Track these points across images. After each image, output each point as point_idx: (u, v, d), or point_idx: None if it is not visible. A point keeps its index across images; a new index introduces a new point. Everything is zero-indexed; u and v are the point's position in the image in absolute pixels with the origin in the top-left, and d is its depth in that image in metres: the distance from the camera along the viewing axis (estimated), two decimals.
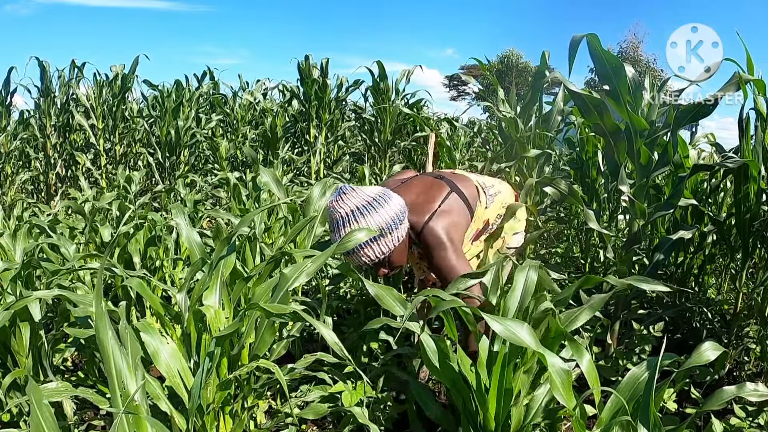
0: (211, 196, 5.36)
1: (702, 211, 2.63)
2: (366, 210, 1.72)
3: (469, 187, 2.02)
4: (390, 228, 1.74)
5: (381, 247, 1.75)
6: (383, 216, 1.73)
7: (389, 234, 1.75)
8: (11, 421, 1.82)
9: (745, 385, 1.39)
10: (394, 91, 6.33)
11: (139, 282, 1.72)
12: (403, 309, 1.57)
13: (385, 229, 1.73)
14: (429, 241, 1.80)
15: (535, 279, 1.50)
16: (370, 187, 1.82)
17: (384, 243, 1.75)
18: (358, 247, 1.73)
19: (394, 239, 1.76)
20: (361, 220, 1.71)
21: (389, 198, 1.79)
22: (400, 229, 1.78)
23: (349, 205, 1.73)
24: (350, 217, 1.72)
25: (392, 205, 1.77)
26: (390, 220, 1.74)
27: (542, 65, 3.42)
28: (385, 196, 1.78)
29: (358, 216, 1.72)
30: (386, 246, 1.76)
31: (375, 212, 1.72)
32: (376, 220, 1.72)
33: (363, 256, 1.76)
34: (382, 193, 1.79)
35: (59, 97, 5.88)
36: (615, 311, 2.45)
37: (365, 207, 1.72)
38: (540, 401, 1.47)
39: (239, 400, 1.75)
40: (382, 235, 1.73)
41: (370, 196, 1.76)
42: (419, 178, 2.09)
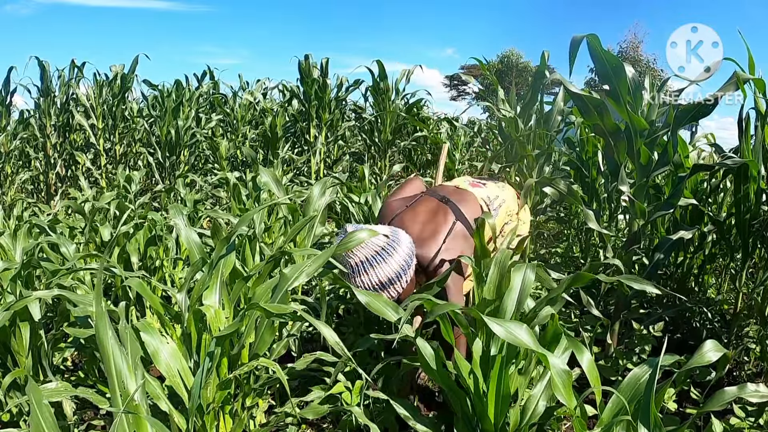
0: (211, 196, 5.36)
1: (702, 211, 2.63)
2: (376, 261, 1.74)
3: (474, 207, 2.03)
4: (400, 275, 1.77)
5: (392, 292, 1.79)
6: (393, 266, 1.75)
7: (401, 279, 1.78)
8: (11, 421, 1.82)
9: (746, 386, 1.39)
10: (394, 90, 6.33)
11: (138, 282, 1.72)
12: (394, 313, 1.56)
13: (395, 276, 1.76)
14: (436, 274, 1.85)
15: (532, 279, 1.50)
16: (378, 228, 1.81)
17: (395, 288, 1.79)
18: (389, 285, 1.77)
19: (405, 281, 1.80)
20: (371, 271, 1.73)
21: (398, 243, 1.79)
22: (409, 272, 1.80)
23: (359, 256, 1.73)
24: (360, 268, 1.74)
25: (401, 251, 1.78)
26: (400, 268, 1.77)
27: (542, 65, 3.42)
28: (394, 242, 1.78)
29: (369, 267, 1.73)
30: (397, 290, 1.79)
31: (385, 263, 1.74)
32: (386, 271, 1.74)
33: (392, 292, 1.80)
34: (391, 239, 1.78)
35: (59, 97, 5.88)
36: (615, 311, 2.45)
37: (374, 258, 1.74)
38: (536, 401, 1.47)
39: (239, 400, 1.75)
40: (394, 281, 1.77)
41: (379, 245, 1.75)
42: (425, 202, 2.07)
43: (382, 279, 1.74)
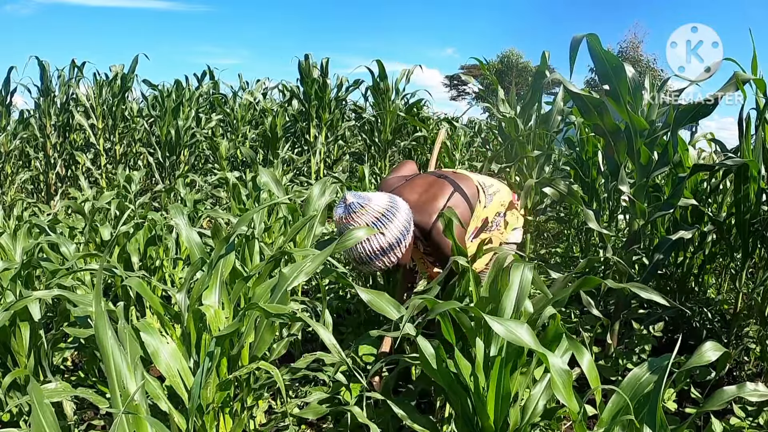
0: (211, 195, 5.36)
1: (702, 211, 2.63)
2: (377, 227, 1.78)
3: (470, 187, 2.07)
4: (400, 240, 1.82)
5: (392, 257, 1.84)
6: (394, 231, 1.80)
7: (400, 244, 1.83)
8: (11, 421, 1.82)
9: (746, 385, 1.39)
10: (394, 90, 6.33)
11: (138, 282, 1.72)
12: (396, 312, 1.57)
13: (396, 242, 1.81)
14: (438, 241, 1.89)
15: (530, 278, 1.50)
16: (376, 195, 1.86)
17: (395, 253, 1.83)
18: (370, 260, 1.81)
19: (404, 246, 1.85)
20: (373, 239, 1.78)
21: (397, 209, 1.84)
22: (408, 237, 1.86)
23: (360, 222, 1.78)
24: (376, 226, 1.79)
25: (400, 216, 1.83)
26: (400, 233, 1.82)
27: (542, 65, 3.42)
28: (393, 208, 1.83)
29: (385, 221, 1.79)
30: (397, 255, 1.84)
31: (385, 229, 1.79)
32: (386, 237, 1.79)
33: (374, 267, 1.84)
34: (390, 204, 1.84)
35: (59, 97, 5.88)
36: (615, 311, 2.45)
37: (375, 224, 1.79)
38: (537, 401, 1.47)
39: (239, 400, 1.74)
40: (394, 246, 1.81)
41: (378, 211, 1.80)
42: (421, 177, 2.13)
43: (383, 245, 1.79)
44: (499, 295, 1.51)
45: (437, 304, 1.40)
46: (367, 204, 1.80)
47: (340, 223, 1.83)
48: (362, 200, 1.81)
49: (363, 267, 1.85)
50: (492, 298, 1.59)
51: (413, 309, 1.48)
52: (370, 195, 1.84)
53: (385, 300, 1.60)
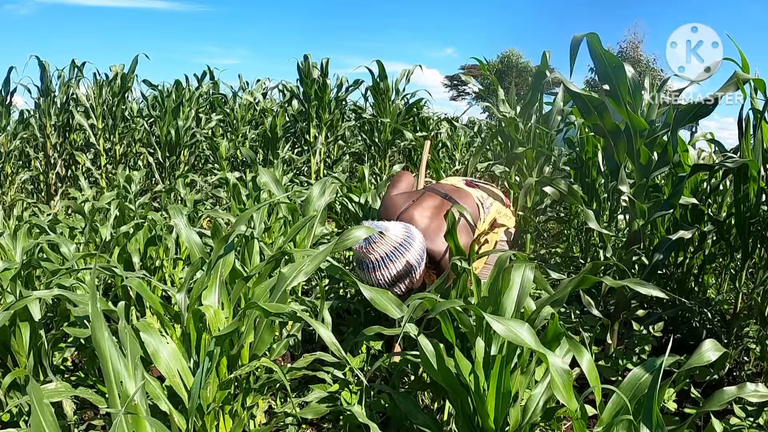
0: (211, 196, 5.36)
1: (702, 211, 2.63)
2: (395, 256, 1.91)
3: (471, 205, 2.22)
4: (415, 267, 1.96)
5: (408, 283, 1.97)
6: (410, 259, 1.94)
7: (416, 271, 1.96)
8: (11, 421, 1.82)
9: (746, 386, 1.39)
10: (394, 90, 6.33)
11: (138, 282, 1.72)
12: (398, 311, 1.58)
13: (412, 269, 1.95)
14: (446, 267, 2.00)
15: (530, 278, 1.50)
16: (393, 225, 1.98)
17: (411, 279, 1.97)
18: (388, 287, 1.93)
19: (419, 273, 1.98)
20: (390, 266, 1.91)
21: (413, 238, 1.97)
22: (423, 263, 1.99)
23: (379, 252, 1.91)
24: (380, 263, 1.91)
25: (416, 245, 1.96)
26: (416, 261, 1.95)
27: (543, 65, 3.42)
28: (409, 237, 1.96)
29: (389, 263, 1.91)
30: (413, 280, 1.97)
31: (403, 257, 1.92)
32: (403, 264, 1.93)
33: (396, 289, 1.97)
34: (406, 234, 1.96)
35: (59, 97, 5.87)
36: (615, 311, 2.45)
37: (393, 254, 1.91)
38: (537, 400, 1.47)
39: (239, 400, 1.74)
40: (410, 273, 1.95)
41: (396, 240, 1.93)
42: (429, 197, 2.26)
43: (400, 272, 1.92)
44: (500, 295, 1.51)
45: (438, 304, 1.40)
46: (386, 234, 1.93)
47: (360, 252, 1.94)
48: (380, 229, 1.93)
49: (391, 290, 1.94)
50: (492, 298, 1.59)
51: (413, 309, 1.48)
52: (387, 224, 1.97)
53: (387, 298, 1.60)
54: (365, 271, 1.95)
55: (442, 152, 6.42)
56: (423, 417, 1.60)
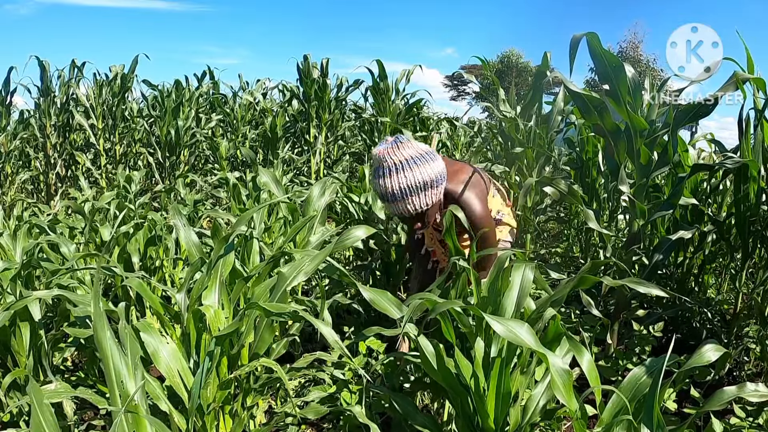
0: (211, 196, 5.36)
1: (702, 211, 2.63)
2: (419, 161, 1.85)
3: (483, 174, 2.21)
4: (435, 183, 1.88)
5: (426, 199, 1.88)
6: (433, 170, 1.87)
7: (435, 188, 1.89)
8: (11, 421, 1.82)
9: (746, 386, 1.39)
10: (394, 90, 6.33)
11: (138, 282, 1.72)
12: (398, 311, 1.57)
13: (432, 182, 1.87)
14: (468, 203, 1.97)
15: (530, 278, 1.50)
16: (417, 143, 1.95)
17: (429, 195, 1.88)
18: (404, 195, 1.84)
19: (437, 194, 1.91)
20: (414, 169, 1.84)
21: (436, 158, 1.92)
22: (441, 188, 1.92)
23: (404, 155, 1.84)
24: (404, 165, 1.84)
25: (438, 163, 1.91)
26: (436, 175, 1.89)
27: (543, 65, 3.42)
28: (434, 155, 1.92)
29: (412, 165, 1.85)
30: (430, 198, 1.89)
31: (426, 165, 1.86)
32: (427, 171, 1.86)
33: (408, 204, 1.88)
34: (431, 151, 1.92)
35: (59, 97, 5.88)
36: (615, 311, 2.45)
37: (419, 158, 1.85)
38: (537, 400, 1.47)
39: (239, 400, 1.74)
40: (430, 187, 1.87)
41: (421, 150, 1.89)
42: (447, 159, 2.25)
43: (417, 183, 1.84)
44: (500, 295, 1.51)
45: (437, 304, 1.40)
46: (410, 142, 1.88)
47: (380, 155, 1.87)
48: (409, 139, 1.88)
49: (393, 205, 1.89)
50: (492, 298, 1.59)
51: (413, 309, 1.48)
52: (408, 137, 1.94)
53: (387, 299, 1.60)
54: (382, 176, 1.87)
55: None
56: (422, 418, 1.60)
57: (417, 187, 1.85)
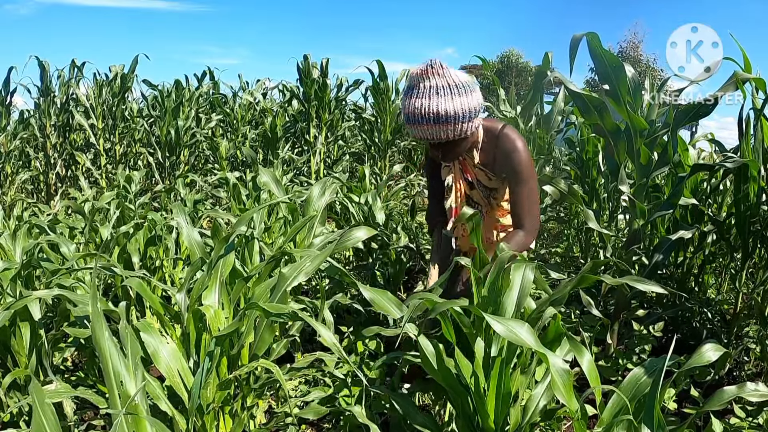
0: (211, 196, 5.36)
1: (702, 211, 2.63)
2: (462, 88, 1.71)
3: None
4: (475, 112, 1.73)
5: (464, 126, 1.72)
6: (475, 100, 1.73)
7: (473, 119, 1.74)
8: (11, 421, 1.82)
9: (746, 385, 1.39)
10: (394, 90, 6.33)
11: (138, 282, 1.72)
12: (398, 311, 1.56)
13: (472, 111, 1.72)
14: (506, 145, 1.80)
15: (531, 278, 1.50)
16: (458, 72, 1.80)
17: (468, 125, 1.73)
18: (439, 119, 1.69)
19: (474, 126, 1.75)
20: (457, 95, 1.69)
21: (476, 88, 1.77)
22: (478, 121, 1.77)
23: (448, 80, 1.70)
24: (447, 89, 1.69)
25: (479, 95, 1.76)
26: (476, 106, 1.73)
27: (544, 65, 3.42)
28: (474, 84, 1.77)
29: (456, 90, 1.70)
30: (468, 128, 1.74)
31: (469, 94, 1.71)
32: (468, 100, 1.71)
33: (442, 131, 1.72)
34: (472, 81, 1.77)
35: (59, 97, 5.88)
36: (615, 311, 2.45)
37: (462, 86, 1.71)
38: (537, 400, 1.47)
39: (239, 400, 1.74)
40: (469, 116, 1.72)
41: (464, 78, 1.74)
42: None
43: (464, 108, 1.70)
44: (500, 295, 1.51)
45: (438, 304, 1.40)
46: (452, 69, 1.74)
47: (421, 75, 1.72)
48: (447, 65, 1.73)
49: (428, 127, 1.72)
50: (492, 298, 1.59)
51: (413, 309, 1.48)
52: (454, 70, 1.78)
53: (387, 298, 1.59)
54: (421, 96, 1.71)
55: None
56: (422, 418, 1.60)
57: (457, 113, 1.71)
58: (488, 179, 1.88)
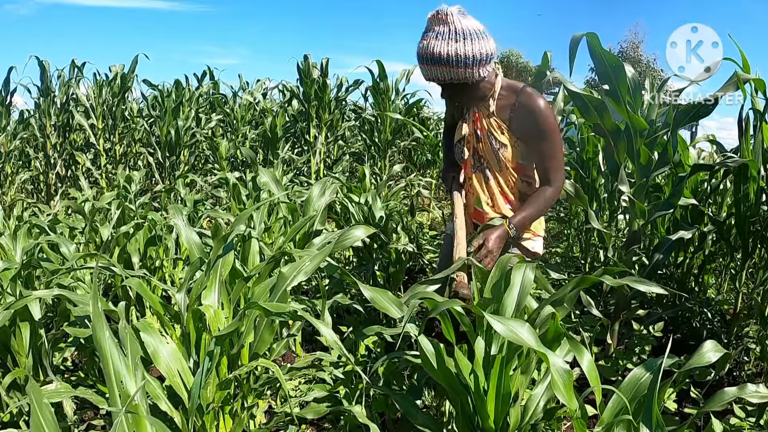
0: (211, 196, 5.36)
1: (702, 211, 2.63)
2: (479, 35, 1.72)
3: None
4: (489, 58, 1.75)
5: (480, 71, 1.74)
6: (490, 46, 1.74)
7: (487, 65, 1.75)
8: (11, 421, 1.82)
9: (746, 386, 1.39)
10: (394, 90, 6.33)
11: (138, 282, 1.72)
12: (398, 310, 1.56)
13: (487, 57, 1.74)
14: (529, 103, 1.80)
15: (531, 278, 1.50)
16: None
17: (482, 70, 1.75)
18: (448, 64, 1.71)
19: (487, 71, 1.77)
20: (475, 39, 1.71)
21: (490, 37, 1.77)
22: (491, 67, 1.79)
23: (466, 24, 1.71)
24: (465, 33, 1.71)
25: (493, 42, 1.77)
26: (491, 52, 1.75)
27: (543, 65, 3.42)
28: (488, 32, 1.77)
29: (473, 35, 1.71)
30: (482, 72, 1.75)
31: (485, 40, 1.73)
32: (485, 46, 1.73)
33: (446, 73, 1.74)
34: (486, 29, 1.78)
35: (59, 97, 5.88)
36: (615, 311, 2.45)
37: (479, 32, 1.73)
38: (537, 400, 1.47)
39: (239, 400, 1.74)
40: (485, 62, 1.74)
41: (480, 26, 1.75)
42: None
43: (481, 52, 1.71)
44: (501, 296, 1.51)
45: (438, 304, 1.40)
46: (469, 15, 1.75)
47: (432, 18, 1.74)
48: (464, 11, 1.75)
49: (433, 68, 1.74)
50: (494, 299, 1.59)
51: (413, 309, 1.48)
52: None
53: (387, 298, 1.59)
54: (439, 38, 1.72)
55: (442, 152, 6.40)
56: (422, 417, 1.60)
57: (462, 56, 1.71)
58: (500, 132, 1.87)
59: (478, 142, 1.90)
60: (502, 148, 1.85)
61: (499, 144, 1.86)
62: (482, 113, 1.89)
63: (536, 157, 1.84)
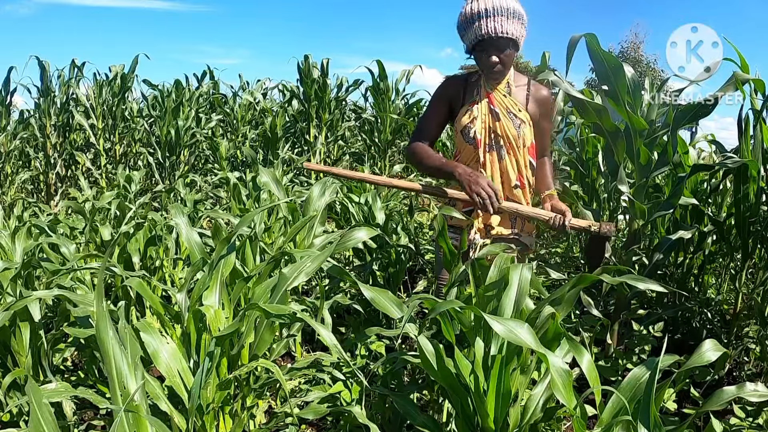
0: (211, 196, 5.36)
1: (702, 211, 2.63)
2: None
3: None
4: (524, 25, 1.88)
5: (523, 38, 1.87)
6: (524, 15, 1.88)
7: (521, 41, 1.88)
8: (11, 421, 1.82)
9: (745, 386, 1.39)
10: (394, 91, 6.33)
11: (139, 282, 1.72)
12: (398, 311, 1.57)
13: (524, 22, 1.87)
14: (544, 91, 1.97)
15: (529, 278, 1.50)
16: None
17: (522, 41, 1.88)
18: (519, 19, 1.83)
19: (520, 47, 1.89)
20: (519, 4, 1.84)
21: None
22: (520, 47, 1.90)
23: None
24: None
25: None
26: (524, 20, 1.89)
27: (542, 65, 3.42)
28: None
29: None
30: (521, 44, 1.88)
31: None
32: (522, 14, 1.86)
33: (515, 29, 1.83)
34: None
35: (59, 97, 5.88)
36: (615, 311, 2.45)
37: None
38: (537, 400, 1.47)
39: (239, 400, 1.75)
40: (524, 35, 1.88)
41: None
42: None
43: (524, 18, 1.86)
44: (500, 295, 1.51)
45: (437, 304, 1.40)
46: None
47: None
48: None
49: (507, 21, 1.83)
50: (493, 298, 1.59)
51: (413, 309, 1.48)
52: None
53: (387, 298, 1.60)
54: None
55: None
56: (422, 418, 1.60)
57: (525, 19, 1.87)
58: (518, 110, 1.93)
59: (495, 121, 1.92)
60: (522, 124, 1.92)
61: (519, 121, 1.92)
62: (498, 92, 1.94)
63: (539, 134, 1.98)
